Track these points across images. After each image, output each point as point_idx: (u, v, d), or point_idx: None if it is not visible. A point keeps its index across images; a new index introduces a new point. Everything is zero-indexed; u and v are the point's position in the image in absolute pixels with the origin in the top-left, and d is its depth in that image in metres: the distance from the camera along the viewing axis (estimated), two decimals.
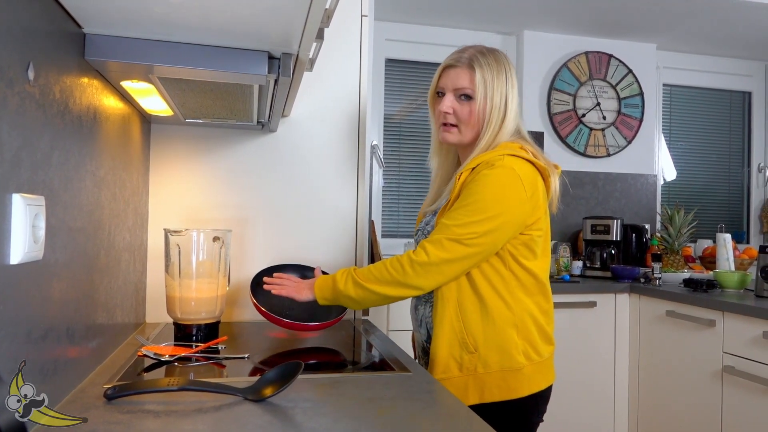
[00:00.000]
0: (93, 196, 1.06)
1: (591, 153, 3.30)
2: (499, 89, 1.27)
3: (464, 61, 1.28)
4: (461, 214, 1.19)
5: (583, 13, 2.99)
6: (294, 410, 0.90)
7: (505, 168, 1.19)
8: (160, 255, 1.49)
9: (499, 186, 1.19)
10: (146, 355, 1.20)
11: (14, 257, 0.72)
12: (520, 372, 1.22)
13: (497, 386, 1.22)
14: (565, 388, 2.44)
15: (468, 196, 1.20)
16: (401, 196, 3.18)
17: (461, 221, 1.18)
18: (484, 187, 1.19)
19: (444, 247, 1.18)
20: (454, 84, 1.29)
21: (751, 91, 3.69)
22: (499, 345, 1.22)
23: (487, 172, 1.20)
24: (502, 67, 1.29)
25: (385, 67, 3.15)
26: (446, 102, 1.29)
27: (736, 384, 2.10)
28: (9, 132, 0.70)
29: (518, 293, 1.24)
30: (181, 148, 1.67)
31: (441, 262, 1.18)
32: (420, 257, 1.18)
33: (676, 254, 2.92)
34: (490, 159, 1.22)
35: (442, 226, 1.21)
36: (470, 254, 1.18)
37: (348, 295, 1.25)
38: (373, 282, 1.23)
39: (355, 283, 1.24)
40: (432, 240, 1.20)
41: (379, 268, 1.23)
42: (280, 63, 1.07)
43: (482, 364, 1.22)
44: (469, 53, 1.29)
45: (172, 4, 0.86)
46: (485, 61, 1.28)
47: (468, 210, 1.18)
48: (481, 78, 1.26)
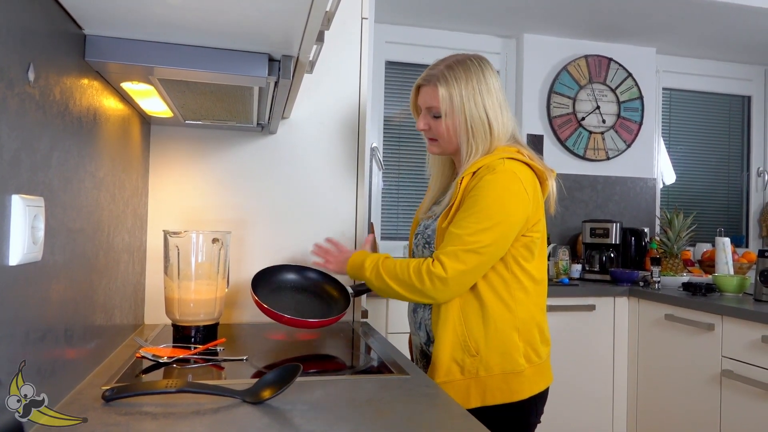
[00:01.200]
0: (92, 197, 1.06)
1: (590, 156, 3.30)
2: (470, 99, 1.26)
3: (430, 80, 1.30)
4: (471, 222, 1.19)
5: (583, 16, 3.00)
6: (292, 413, 0.90)
7: (506, 172, 1.21)
8: (159, 256, 1.49)
9: (503, 190, 1.20)
10: (145, 357, 1.20)
11: (13, 258, 0.72)
12: (521, 374, 1.23)
13: (499, 389, 1.22)
14: (564, 391, 2.44)
15: (474, 203, 1.20)
16: (400, 199, 3.18)
17: (471, 229, 1.18)
18: (488, 192, 1.20)
19: (459, 259, 1.18)
20: (424, 103, 1.32)
21: (751, 96, 3.70)
22: (501, 348, 1.23)
23: (490, 177, 1.20)
24: (472, 75, 1.27)
25: (385, 70, 3.15)
26: (421, 121, 1.34)
27: (734, 388, 2.10)
28: (9, 133, 0.70)
29: (519, 295, 1.25)
30: (180, 149, 1.67)
31: (458, 275, 1.18)
32: (438, 271, 1.18)
33: (675, 258, 2.92)
34: (490, 163, 1.23)
35: (453, 236, 1.20)
36: (484, 262, 1.20)
37: (371, 282, 1.30)
38: (394, 280, 1.25)
39: (378, 275, 1.27)
40: (447, 252, 1.19)
41: (402, 269, 1.24)
42: (280, 65, 1.07)
43: (484, 367, 1.22)
44: (437, 70, 1.29)
45: (173, 6, 0.86)
46: (452, 75, 1.27)
47: (476, 217, 1.19)
48: (447, 94, 1.27)
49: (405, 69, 3.19)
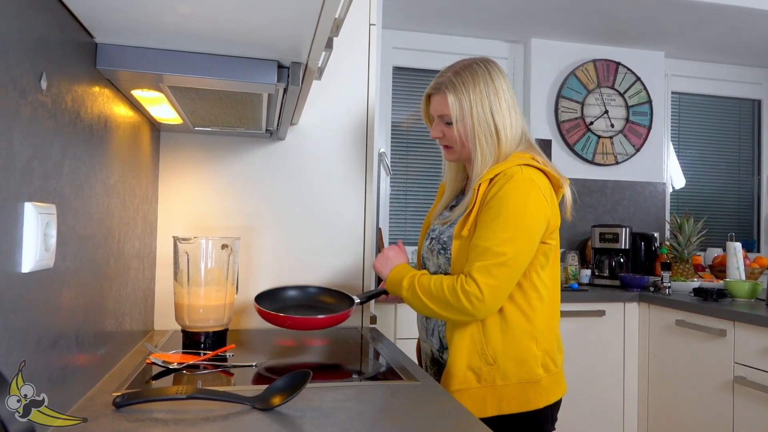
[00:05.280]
0: (103, 204, 1.07)
1: (599, 161, 3.29)
2: (477, 104, 1.26)
3: (439, 88, 1.30)
4: (497, 231, 1.18)
5: (590, 21, 2.99)
6: (302, 419, 0.89)
7: (525, 179, 1.20)
8: (168, 262, 1.49)
9: (524, 197, 1.19)
10: (155, 363, 1.20)
11: (26, 265, 0.72)
12: (538, 384, 1.23)
13: (515, 398, 1.21)
14: (574, 397, 2.42)
15: (497, 212, 1.19)
16: (408, 204, 3.18)
17: (497, 239, 1.17)
18: (509, 200, 1.19)
19: (491, 274, 1.16)
20: (435, 111, 1.33)
21: (761, 99, 3.67)
22: (518, 357, 1.22)
23: (510, 185, 1.19)
24: (479, 79, 1.28)
25: (393, 75, 3.16)
26: (435, 129, 1.34)
27: (747, 395, 2.07)
28: (21, 141, 0.71)
29: (536, 304, 1.24)
30: (190, 155, 1.68)
31: (492, 290, 1.16)
32: (473, 289, 1.16)
33: (685, 263, 2.90)
34: (507, 170, 1.22)
35: (480, 249, 1.18)
36: (514, 273, 1.19)
37: (408, 300, 1.28)
38: (429, 298, 1.22)
39: (415, 293, 1.25)
40: (478, 268, 1.17)
41: (438, 286, 1.21)
42: (289, 72, 1.08)
43: (501, 376, 1.22)
44: (446, 77, 1.30)
45: (183, 15, 0.86)
46: (459, 80, 1.28)
47: (503, 226, 1.18)
48: (455, 100, 1.27)
49: (412, 74, 3.20)
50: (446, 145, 1.35)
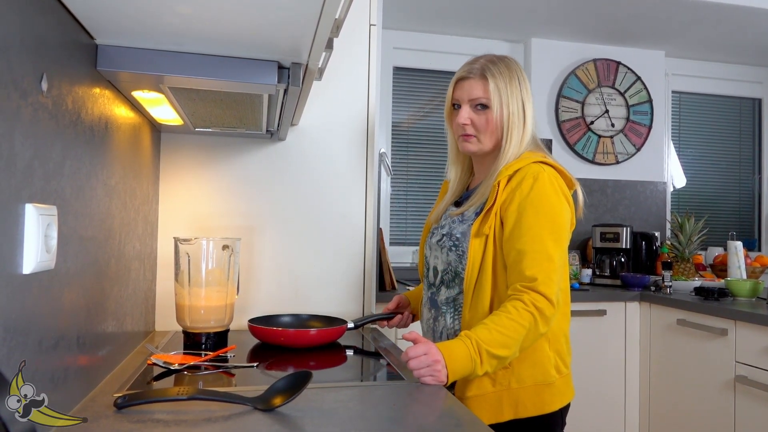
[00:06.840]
0: (104, 205, 1.07)
1: (600, 160, 3.28)
2: (514, 96, 1.28)
3: (476, 72, 1.30)
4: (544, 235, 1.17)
5: (590, 20, 2.99)
6: (303, 420, 0.89)
7: (551, 178, 1.22)
8: (169, 263, 1.49)
9: (556, 195, 1.21)
10: (156, 364, 1.20)
11: (27, 267, 0.72)
12: (552, 385, 1.23)
13: (531, 401, 1.21)
14: (576, 397, 2.41)
15: (536, 214, 1.18)
16: (409, 204, 3.18)
17: (545, 242, 1.16)
18: (546, 201, 1.19)
19: (553, 280, 1.15)
20: (469, 95, 1.30)
21: (762, 98, 3.67)
22: (533, 359, 1.22)
23: (540, 186, 1.20)
24: (514, 73, 1.30)
25: (393, 75, 3.15)
26: (463, 114, 1.30)
27: (749, 394, 2.07)
28: (22, 142, 0.71)
29: None
30: (190, 156, 1.68)
31: (557, 295, 1.16)
32: (544, 305, 1.12)
33: (686, 262, 2.90)
34: (528, 169, 1.22)
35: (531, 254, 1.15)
36: (563, 273, 1.21)
37: (487, 372, 1.13)
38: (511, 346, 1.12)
39: (491, 356, 1.10)
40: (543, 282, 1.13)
41: (507, 328, 1.10)
42: (289, 73, 1.08)
43: (516, 379, 1.21)
44: (481, 63, 1.30)
45: (183, 16, 0.86)
46: (497, 69, 1.29)
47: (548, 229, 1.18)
48: (495, 87, 1.27)
49: (413, 74, 3.20)
50: (468, 135, 1.31)
